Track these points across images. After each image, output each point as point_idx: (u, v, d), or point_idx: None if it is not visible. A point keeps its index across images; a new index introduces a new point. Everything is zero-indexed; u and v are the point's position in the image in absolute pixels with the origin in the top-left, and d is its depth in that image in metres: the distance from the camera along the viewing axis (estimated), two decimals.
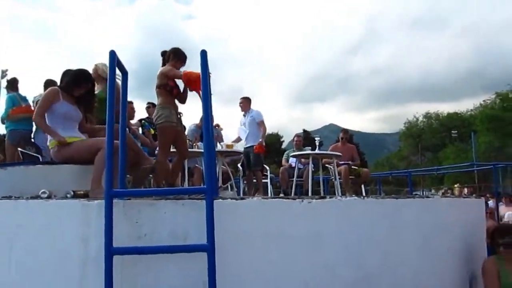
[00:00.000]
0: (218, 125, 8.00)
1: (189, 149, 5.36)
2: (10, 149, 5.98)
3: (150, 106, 7.27)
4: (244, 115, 7.38)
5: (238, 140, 7.48)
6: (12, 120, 6.47)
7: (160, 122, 4.64)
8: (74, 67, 5.57)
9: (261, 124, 7.22)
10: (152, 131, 6.75)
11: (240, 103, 7.46)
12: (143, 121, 6.96)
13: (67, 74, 5.34)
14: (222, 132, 8.21)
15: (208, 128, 2.58)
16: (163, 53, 4.86)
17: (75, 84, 3.84)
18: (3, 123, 6.68)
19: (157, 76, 4.74)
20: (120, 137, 3.02)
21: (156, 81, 4.76)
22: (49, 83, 5.24)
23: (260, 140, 7.05)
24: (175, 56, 4.77)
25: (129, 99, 3.47)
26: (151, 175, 6.08)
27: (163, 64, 4.82)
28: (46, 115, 3.75)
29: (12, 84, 6.81)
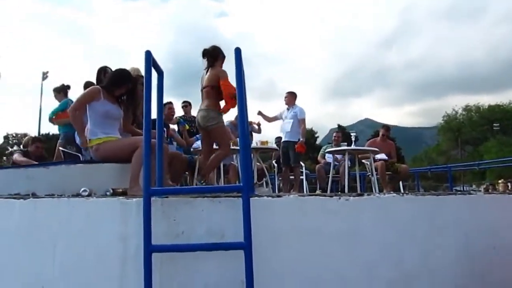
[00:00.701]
0: (251, 122, 8.03)
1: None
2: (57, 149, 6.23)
3: (187, 105, 7.38)
4: (288, 109, 7.39)
5: (274, 119, 7.55)
6: (58, 123, 6.81)
7: (215, 124, 4.78)
8: (111, 64, 5.74)
9: (302, 122, 7.21)
10: (187, 127, 6.87)
11: (286, 97, 7.47)
12: (178, 117, 7.06)
13: (103, 71, 5.56)
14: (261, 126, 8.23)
15: (244, 126, 2.58)
16: (205, 53, 4.91)
17: (115, 85, 3.92)
18: (51, 122, 7.04)
19: (208, 77, 4.81)
20: (158, 137, 3.07)
21: (205, 81, 4.84)
22: (89, 85, 5.40)
23: (302, 139, 7.06)
24: (223, 56, 4.91)
25: (165, 98, 3.52)
26: (186, 173, 6.20)
27: (210, 64, 4.89)
28: (87, 112, 3.85)
29: (64, 92, 7.11)
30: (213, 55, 4.91)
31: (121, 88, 3.93)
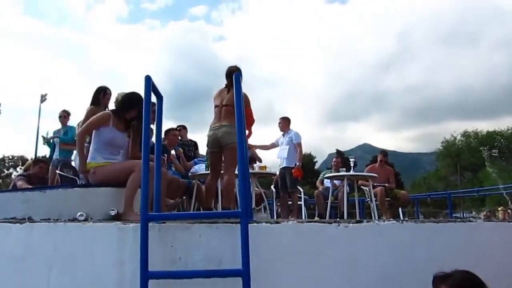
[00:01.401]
0: (250, 146, 8.02)
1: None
2: (52, 172, 6.24)
3: (181, 129, 7.39)
4: (283, 135, 7.42)
5: (272, 146, 7.54)
6: (60, 149, 7.28)
7: (235, 143, 4.75)
8: (110, 86, 5.87)
9: (298, 146, 7.24)
10: (181, 150, 6.87)
11: (279, 123, 7.51)
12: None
13: (102, 91, 5.66)
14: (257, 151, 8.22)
15: (242, 151, 2.59)
16: (232, 71, 4.92)
17: (126, 107, 3.95)
18: (47, 142, 7.26)
19: (231, 97, 4.84)
20: (156, 161, 3.07)
21: (226, 100, 4.90)
22: (93, 110, 5.48)
23: (298, 163, 7.06)
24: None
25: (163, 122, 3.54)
26: (184, 197, 6.18)
27: (229, 85, 4.97)
28: (92, 135, 3.90)
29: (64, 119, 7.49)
30: (229, 78, 4.98)
31: (132, 111, 3.95)
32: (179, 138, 7.29)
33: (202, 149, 7.30)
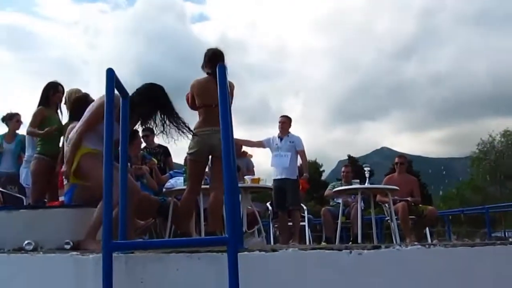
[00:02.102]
0: (245, 153, 8.02)
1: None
2: None
3: (149, 135, 7.37)
4: (280, 138, 7.45)
5: (258, 145, 7.65)
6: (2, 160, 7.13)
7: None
8: (63, 81, 5.93)
9: (302, 154, 7.29)
10: (155, 160, 6.86)
11: (282, 122, 7.56)
12: (141, 151, 7.07)
13: (51, 88, 5.76)
14: (254, 160, 8.21)
15: (229, 158, 2.58)
16: (212, 57, 4.98)
17: (144, 101, 3.98)
18: None
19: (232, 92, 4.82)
20: (121, 172, 3.05)
21: (200, 98, 4.96)
22: (80, 100, 5.49)
23: (306, 174, 7.09)
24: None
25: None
26: (156, 219, 6.16)
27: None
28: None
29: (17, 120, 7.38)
30: (222, 58, 5.01)
31: (144, 105, 3.98)
32: (146, 145, 7.28)
33: (176, 157, 7.34)
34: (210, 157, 4.97)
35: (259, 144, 7.64)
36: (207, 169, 5.25)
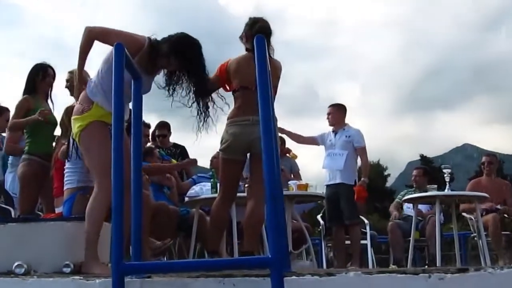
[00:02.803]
0: (289, 151, 8.01)
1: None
2: None
3: (166, 134, 7.44)
4: (335, 132, 7.43)
5: (310, 141, 7.67)
6: None
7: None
8: (57, 64, 5.95)
9: (362, 152, 7.24)
10: (174, 161, 6.90)
11: (329, 113, 7.53)
12: (157, 150, 7.12)
13: (41, 70, 5.77)
14: (298, 162, 8.20)
15: (271, 156, 2.54)
16: (266, 27, 4.99)
17: (173, 52, 4.01)
18: None
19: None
20: (133, 175, 3.05)
21: (237, 78, 4.94)
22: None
23: (364, 179, 7.01)
24: None
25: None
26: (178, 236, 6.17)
27: (268, 46, 4.94)
28: (101, 67, 4.00)
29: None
30: (270, 33, 4.98)
31: (173, 59, 4.02)
32: (158, 144, 7.32)
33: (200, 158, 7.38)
34: (248, 155, 4.93)
35: (311, 141, 7.64)
36: (244, 172, 5.22)
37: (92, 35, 3.95)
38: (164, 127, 7.58)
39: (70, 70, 5.79)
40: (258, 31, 4.77)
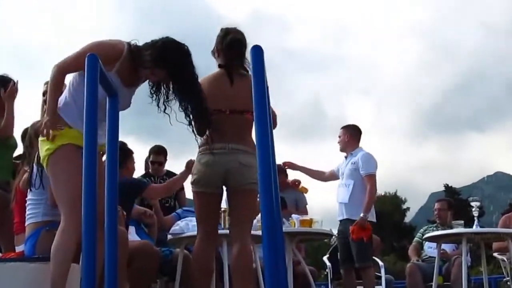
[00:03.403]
0: (297, 183, 8.04)
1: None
2: None
3: (162, 162, 7.42)
4: (345, 159, 7.51)
5: (330, 177, 7.70)
6: None
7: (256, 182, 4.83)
8: (22, 75, 5.92)
9: (368, 179, 7.21)
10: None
11: (341, 136, 7.60)
12: (140, 177, 7.10)
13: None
14: (307, 196, 8.24)
15: (268, 187, 2.55)
16: (239, 40, 4.95)
17: (161, 59, 4.05)
18: None
19: (242, 94, 4.75)
20: (107, 209, 3.07)
21: (241, 99, 4.79)
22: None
23: (364, 214, 6.94)
24: None
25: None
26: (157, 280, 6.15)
27: (232, 68, 4.94)
28: (73, 77, 4.05)
29: None
30: (243, 45, 4.94)
31: (162, 68, 4.05)
32: (150, 170, 7.30)
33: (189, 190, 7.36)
34: (225, 188, 4.91)
35: (332, 176, 7.69)
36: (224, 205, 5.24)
37: (63, 71, 3.99)
38: (160, 153, 7.54)
39: (47, 81, 5.80)
40: (229, 44, 4.87)
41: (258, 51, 2.73)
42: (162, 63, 4.04)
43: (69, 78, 4.11)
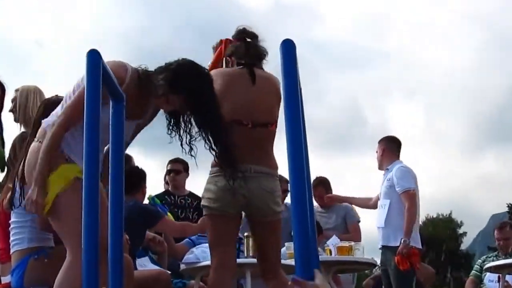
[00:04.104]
0: (340, 199, 8.09)
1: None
2: None
3: (181, 171, 7.43)
4: (384, 175, 7.57)
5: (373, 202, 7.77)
6: None
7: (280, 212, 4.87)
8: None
9: (405, 197, 7.18)
10: (171, 216, 6.87)
11: (377, 151, 7.71)
12: (150, 195, 7.13)
13: (26, 101, 5.80)
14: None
15: (303, 213, 2.54)
16: (251, 36, 5.00)
17: (179, 85, 4.06)
18: None
19: (270, 97, 4.86)
20: (111, 234, 3.07)
21: (265, 109, 4.84)
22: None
23: (405, 239, 6.94)
24: None
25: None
26: None
27: (251, 67, 4.89)
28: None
29: None
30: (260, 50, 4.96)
31: (180, 94, 4.07)
32: (169, 189, 7.32)
33: None
34: (246, 216, 4.91)
35: (375, 203, 7.74)
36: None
37: (66, 126, 3.99)
38: (178, 162, 7.62)
39: (17, 88, 5.86)
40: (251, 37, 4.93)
41: (289, 46, 2.57)
42: (178, 88, 4.04)
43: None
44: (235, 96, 4.79)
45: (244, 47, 4.91)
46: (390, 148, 7.57)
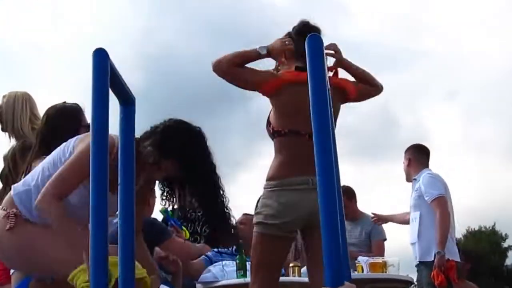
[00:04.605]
0: (377, 217, 8.07)
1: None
2: None
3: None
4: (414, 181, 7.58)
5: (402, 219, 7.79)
6: None
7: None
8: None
9: (435, 206, 7.22)
10: (187, 233, 6.90)
11: (404, 162, 7.76)
12: (164, 209, 7.17)
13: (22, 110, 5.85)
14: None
15: (332, 230, 2.59)
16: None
17: (169, 150, 4.09)
18: None
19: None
20: (120, 255, 3.12)
21: (287, 116, 4.89)
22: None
23: (439, 251, 6.97)
24: None
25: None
26: None
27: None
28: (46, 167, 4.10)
29: None
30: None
31: (171, 159, 4.09)
32: (182, 203, 7.35)
33: None
34: (302, 229, 4.93)
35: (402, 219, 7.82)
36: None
37: (61, 197, 3.99)
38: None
39: (4, 94, 5.88)
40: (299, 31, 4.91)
41: (317, 42, 2.58)
42: (169, 151, 4.06)
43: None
44: (294, 108, 4.83)
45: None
46: (417, 157, 7.64)
